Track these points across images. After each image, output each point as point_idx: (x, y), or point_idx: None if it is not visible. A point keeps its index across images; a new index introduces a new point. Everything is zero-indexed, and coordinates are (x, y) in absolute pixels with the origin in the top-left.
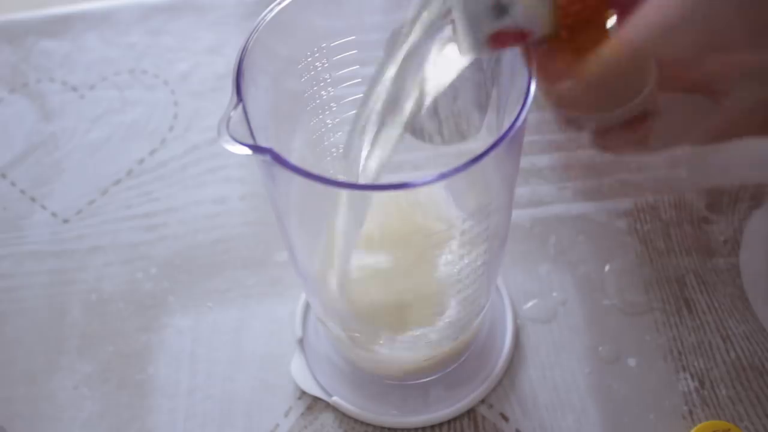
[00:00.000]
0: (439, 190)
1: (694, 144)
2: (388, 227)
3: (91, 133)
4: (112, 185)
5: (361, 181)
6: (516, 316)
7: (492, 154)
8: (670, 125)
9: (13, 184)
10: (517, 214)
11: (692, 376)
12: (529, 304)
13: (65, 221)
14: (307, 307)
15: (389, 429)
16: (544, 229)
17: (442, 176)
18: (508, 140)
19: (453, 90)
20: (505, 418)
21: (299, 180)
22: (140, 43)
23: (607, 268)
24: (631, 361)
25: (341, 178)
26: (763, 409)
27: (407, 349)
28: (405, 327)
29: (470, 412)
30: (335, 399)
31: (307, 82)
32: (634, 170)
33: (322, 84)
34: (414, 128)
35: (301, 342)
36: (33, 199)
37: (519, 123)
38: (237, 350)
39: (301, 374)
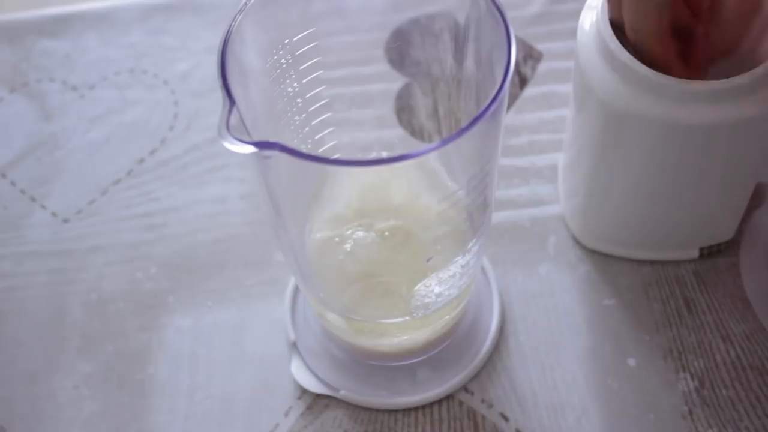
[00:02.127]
0: (430, 162)
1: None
2: (379, 201)
3: (91, 133)
4: (112, 185)
5: None
6: (502, 300)
7: (482, 120)
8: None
9: (13, 184)
10: (517, 214)
11: (692, 376)
12: (529, 304)
13: (65, 221)
14: (294, 308)
15: (394, 417)
16: (543, 229)
17: (440, 145)
18: (498, 102)
19: (452, 89)
20: (505, 418)
21: (312, 168)
22: (140, 43)
23: (607, 268)
24: (631, 361)
25: None
26: (763, 409)
27: (404, 324)
28: (402, 300)
29: (470, 412)
30: (343, 393)
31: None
32: None
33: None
34: (413, 128)
35: (295, 344)
36: (33, 199)
37: (506, 84)
38: (237, 350)
39: (302, 374)
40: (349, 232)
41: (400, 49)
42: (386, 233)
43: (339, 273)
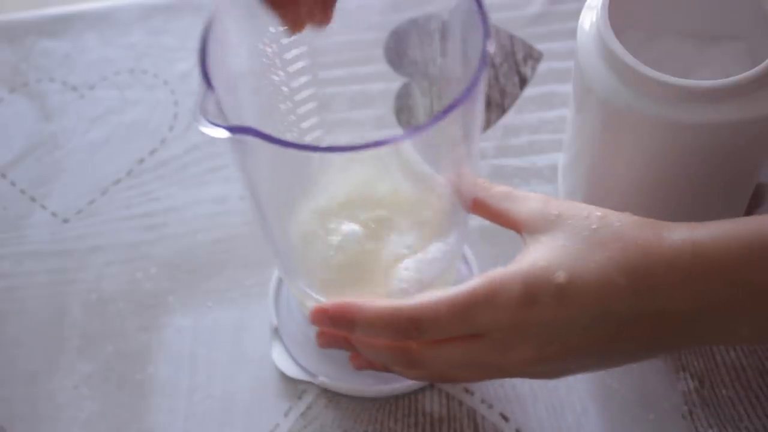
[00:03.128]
0: (409, 151)
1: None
2: (365, 192)
3: (91, 133)
4: (112, 185)
5: None
6: None
7: (460, 107)
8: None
9: (13, 184)
10: None
11: (692, 376)
12: None
13: (65, 221)
14: (278, 294)
15: (394, 417)
16: None
17: (415, 131)
18: (474, 92)
19: (443, 88)
20: (505, 418)
21: (284, 153)
22: (140, 43)
23: None
24: None
25: None
26: (763, 409)
27: None
28: (381, 286)
29: (470, 412)
30: (322, 379)
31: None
32: None
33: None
34: None
35: (277, 330)
36: (33, 199)
37: (481, 77)
38: (237, 350)
39: (282, 360)
40: (333, 225)
41: (399, 49)
42: (371, 224)
43: (321, 261)
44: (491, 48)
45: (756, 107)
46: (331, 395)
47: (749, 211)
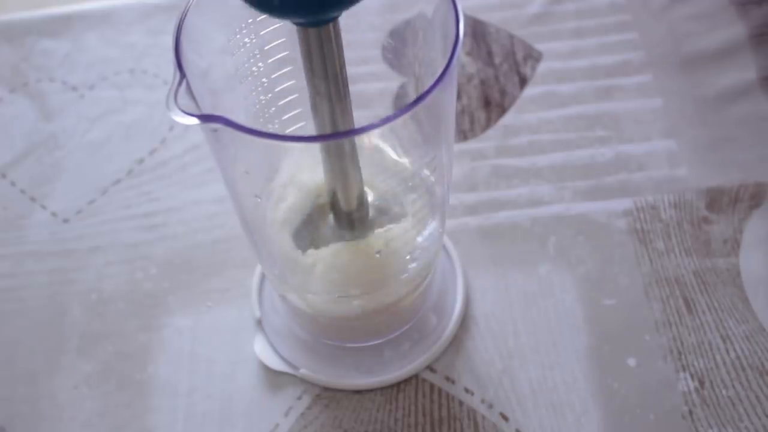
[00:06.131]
0: (383, 137)
1: None
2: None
3: (91, 133)
4: (112, 185)
5: None
6: (466, 279)
7: (434, 92)
8: None
9: (13, 184)
10: (517, 214)
11: (692, 376)
12: (529, 304)
13: (65, 221)
14: (262, 287)
15: (394, 417)
16: (543, 229)
17: (387, 120)
18: (446, 78)
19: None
20: (505, 418)
21: (255, 143)
22: (140, 43)
23: (607, 268)
24: (631, 361)
25: None
26: (763, 409)
27: (365, 304)
28: (362, 280)
29: (470, 412)
30: (303, 371)
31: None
32: (634, 170)
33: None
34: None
35: (260, 322)
36: (33, 199)
37: (453, 63)
38: (237, 350)
39: (264, 353)
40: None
41: (397, 49)
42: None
43: (300, 258)
44: (461, 35)
45: None
46: (331, 395)
47: (749, 211)
